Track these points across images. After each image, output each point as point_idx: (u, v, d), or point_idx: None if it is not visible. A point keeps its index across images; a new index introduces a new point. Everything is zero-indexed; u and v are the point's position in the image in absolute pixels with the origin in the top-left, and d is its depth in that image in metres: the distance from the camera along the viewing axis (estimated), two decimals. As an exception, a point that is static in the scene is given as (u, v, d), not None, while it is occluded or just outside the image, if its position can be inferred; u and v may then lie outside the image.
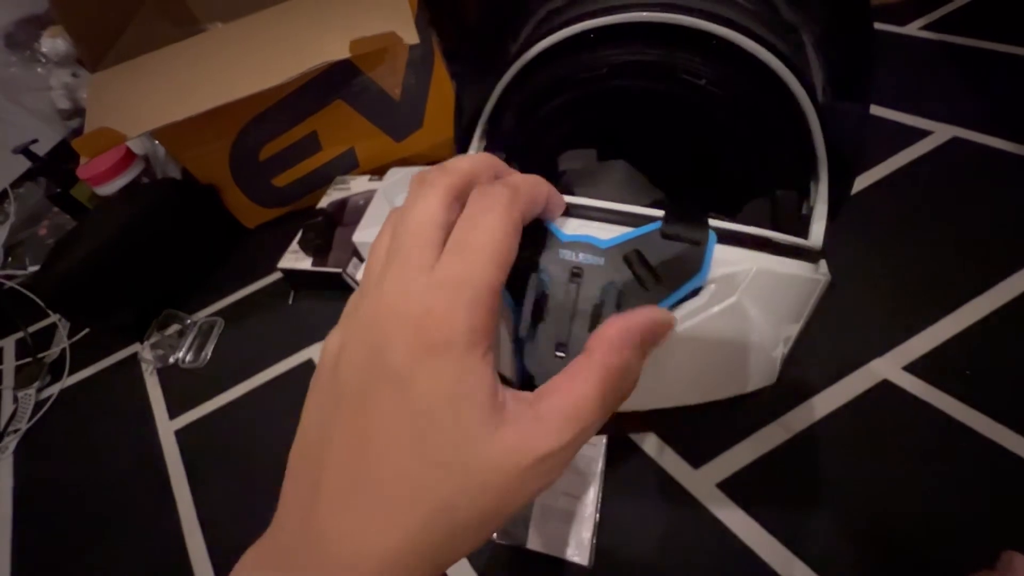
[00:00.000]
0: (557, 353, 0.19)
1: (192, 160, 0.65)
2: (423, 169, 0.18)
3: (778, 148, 0.28)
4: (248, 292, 0.65)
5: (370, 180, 0.64)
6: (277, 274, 0.63)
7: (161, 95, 0.56)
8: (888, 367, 0.40)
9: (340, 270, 0.56)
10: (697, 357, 0.22)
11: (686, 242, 0.19)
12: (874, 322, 0.42)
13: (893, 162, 0.52)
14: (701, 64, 0.26)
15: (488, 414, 0.15)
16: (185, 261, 0.68)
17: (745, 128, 0.28)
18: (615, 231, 0.20)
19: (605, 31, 0.26)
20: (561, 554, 0.36)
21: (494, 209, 0.17)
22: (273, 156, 0.65)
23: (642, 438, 0.41)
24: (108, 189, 0.67)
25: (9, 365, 0.68)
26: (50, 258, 0.60)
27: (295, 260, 0.59)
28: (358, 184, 0.64)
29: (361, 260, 0.56)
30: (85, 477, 0.54)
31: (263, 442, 0.50)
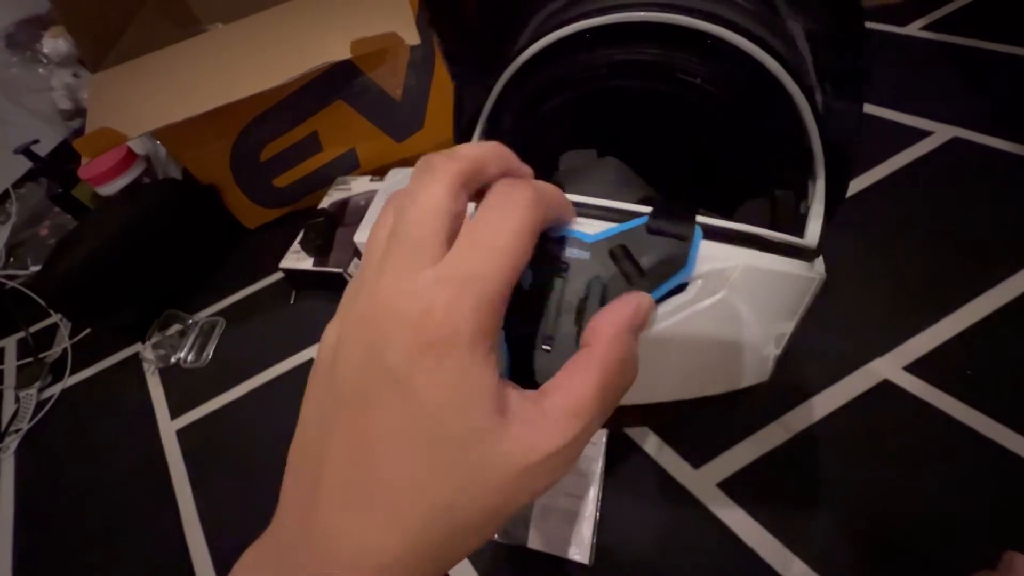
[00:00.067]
0: (543, 346, 0.19)
1: (193, 160, 0.65)
2: (429, 154, 0.17)
3: (776, 148, 0.28)
4: (249, 292, 0.65)
5: (371, 181, 0.64)
6: (278, 274, 0.63)
7: (162, 95, 0.56)
8: (888, 367, 0.40)
9: (341, 270, 0.56)
10: (686, 352, 0.22)
11: (672, 237, 0.19)
12: (874, 322, 0.42)
13: (893, 162, 0.52)
14: (698, 64, 0.26)
15: (492, 414, 0.15)
16: (186, 261, 0.68)
17: (743, 128, 0.28)
18: (602, 226, 0.20)
19: (604, 31, 0.26)
20: (562, 553, 0.36)
21: (519, 206, 0.16)
22: (274, 156, 0.65)
23: (642, 438, 0.41)
24: (109, 189, 0.67)
25: (11, 365, 0.68)
26: (51, 258, 0.61)
27: (296, 260, 0.59)
28: (359, 184, 0.64)
29: (362, 260, 0.56)
30: (86, 477, 0.54)
31: (264, 442, 0.50)
